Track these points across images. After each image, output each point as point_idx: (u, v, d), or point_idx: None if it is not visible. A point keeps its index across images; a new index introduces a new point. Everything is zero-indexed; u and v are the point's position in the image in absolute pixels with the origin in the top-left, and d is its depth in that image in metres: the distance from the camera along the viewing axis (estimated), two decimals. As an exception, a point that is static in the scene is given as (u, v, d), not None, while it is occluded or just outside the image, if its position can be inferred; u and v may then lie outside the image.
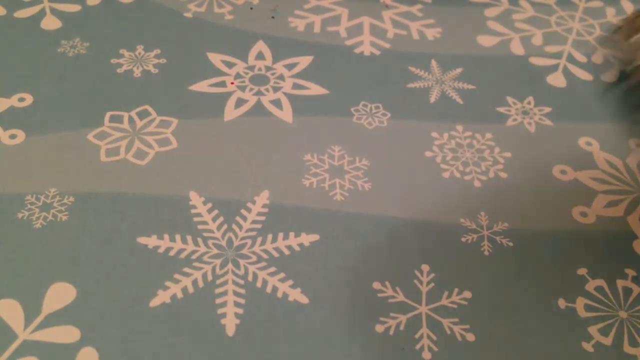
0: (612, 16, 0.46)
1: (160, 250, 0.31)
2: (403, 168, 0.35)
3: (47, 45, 0.42)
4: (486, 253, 0.30)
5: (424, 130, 0.37)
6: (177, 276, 0.30)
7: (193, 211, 0.33)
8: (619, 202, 0.34)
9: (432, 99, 0.39)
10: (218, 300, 0.29)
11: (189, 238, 0.32)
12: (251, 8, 0.45)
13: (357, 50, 0.42)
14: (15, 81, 0.39)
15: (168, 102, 0.38)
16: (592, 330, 0.29)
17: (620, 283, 0.31)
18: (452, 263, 0.31)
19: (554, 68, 0.42)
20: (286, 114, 0.38)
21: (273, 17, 0.45)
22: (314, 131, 0.37)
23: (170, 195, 0.33)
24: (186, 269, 0.30)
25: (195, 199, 0.33)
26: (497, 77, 0.41)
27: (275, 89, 0.39)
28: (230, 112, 0.38)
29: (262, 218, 0.33)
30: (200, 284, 0.30)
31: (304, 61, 0.41)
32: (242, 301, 0.29)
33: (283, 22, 0.44)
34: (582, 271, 0.31)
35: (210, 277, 0.30)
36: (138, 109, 0.38)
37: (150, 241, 0.31)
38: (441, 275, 0.31)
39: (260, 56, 0.42)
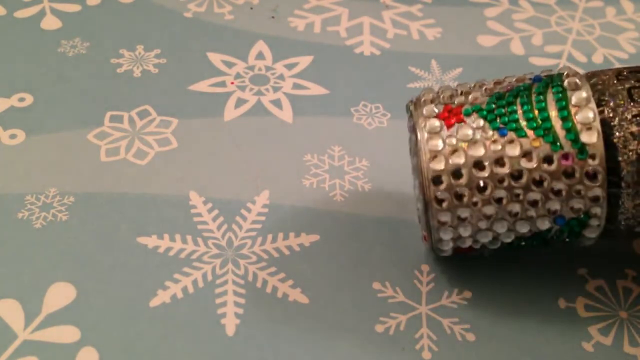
0: (612, 16, 0.46)
1: (160, 250, 0.31)
2: (403, 168, 0.35)
3: (47, 45, 0.42)
4: (486, 253, 0.30)
5: (424, 130, 0.37)
6: (177, 276, 0.30)
7: (193, 211, 0.33)
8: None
9: (432, 99, 0.39)
10: (218, 300, 0.29)
11: (189, 238, 0.32)
12: (251, 8, 0.45)
13: (357, 50, 0.42)
14: (15, 81, 0.39)
15: (168, 102, 0.38)
16: (592, 330, 0.29)
17: (620, 283, 0.31)
18: (452, 263, 0.31)
19: (554, 68, 0.42)
20: (286, 114, 0.38)
21: (273, 17, 0.45)
22: (314, 131, 0.37)
23: (170, 195, 0.33)
24: (186, 269, 0.30)
25: (195, 198, 0.33)
26: (497, 77, 0.41)
27: (275, 89, 0.39)
28: (230, 112, 0.38)
29: (262, 218, 0.33)
30: (200, 284, 0.30)
31: (304, 61, 0.41)
32: (242, 301, 0.29)
33: (283, 22, 0.44)
34: (582, 271, 0.31)
35: (210, 277, 0.30)
36: (138, 109, 0.38)
37: (150, 241, 0.31)
38: (441, 275, 0.31)
39: (260, 56, 0.42)
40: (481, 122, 0.26)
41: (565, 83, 0.27)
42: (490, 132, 0.26)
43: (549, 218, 0.26)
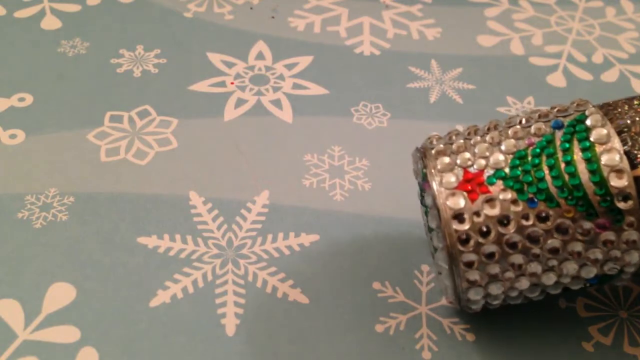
0: (612, 16, 0.46)
1: (160, 250, 0.31)
2: (403, 168, 0.35)
3: (47, 45, 0.42)
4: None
5: (424, 130, 0.37)
6: (177, 276, 0.30)
7: (193, 211, 0.33)
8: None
9: (432, 99, 0.39)
10: (218, 300, 0.29)
11: (189, 238, 0.32)
12: (251, 8, 0.45)
13: (357, 50, 0.42)
14: (15, 81, 0.39)
15: (168, 102, 0.38)
16: (592, 330, 0.29)
17: (620, 283, 0.31)
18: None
19: (554, 68, 0.42)
20: (286, 114, 0.38)
21: (273, 17, 0.45)
22: (314, 131, 0.37)
23: (170, 195, 0.33)
24: (186, 269, 0.30)
25: (195, 198, 0.33)
26: (497, 77, 0.41)
27: (275, 89, 0.39)
28: (230, 112, 0.38)
29: (262, 218, 0.33)
30: (200, 284, 0.30)
31: (304, 61, 0.41)
32: (242, 301, 0.29)
33: (283, 22, 0.44)
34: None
35: (210, 277, 0.30)
36: (138, 109, 0.38)
37: (150, 241, 0.31)
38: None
39: (260, 56, 0.42)
40: (509, 194, 0.24)
41: (593, 136, 0.25)
42: (520, 207, 0.24)
43: (583, 281, 0.26)
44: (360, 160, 0.36)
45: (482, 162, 0.25)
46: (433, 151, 0.26)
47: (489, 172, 0.25)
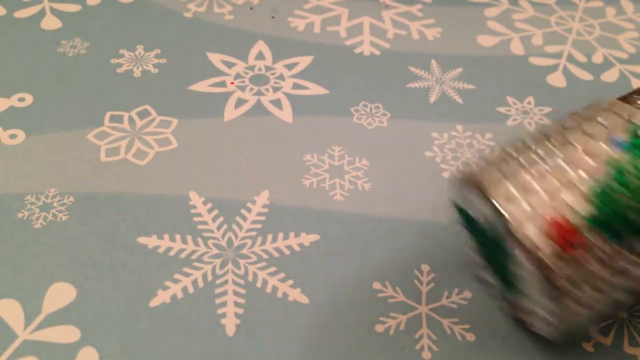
0: (612, 16, 0.46)
1: (160, 250, 0.31)
2: (403, 168, 0.35)
3: (47, 45, 0.42)
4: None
5: (424, 130, 0.37)
6: (177, 276, 0.30)
7: (193, 211, 0.33)
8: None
9: (432, 99, 0.39)
10: (218, 300, 0.29)
11: (189, 238, 0.32)
12: (251, 8, 0.45)
13: (357, 50, 0.42)
14: (15, 81, 0.39)
15: (168, 102, 0.38)
16: (592, 330, 0.29)
17: (620, 283, 0.31)
18: (452, 263, 0.31)
19: (554, 68, 0.42)
20: (286, 114, 0.38)
21: (273, 17, 0.45)
22: (314, 131, 0.37)
23: (170, 195, 0.33)
24: (186, 269, 0.30)
25: (195, 198, 0.33)
26: (497, 77, 0.41)
27: (275, 89, 0.39)
28: (230, 112, 0.38)
29: (262, 218, 0.33)
30: (200, 284, 0.30)
31: (304, 61, 0.41)
32: (242, 301, 0.29)
33: (283, 22, 0.44)
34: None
35: (210, 277, 0.30)
36: (138, 109, 0.38)
37: (150, 241, 0.31)
38: (441, 275, 0.31)
39: (260, 56, 0.42)
40: (607, 247, 0.24)
41: None
42: (612, 246, 0.24)
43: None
44: (360, 160, 0.36)
45: (563, 199, 0.24)
46: (506, 192, 0.25)
47: (573, 213, 0.24)
